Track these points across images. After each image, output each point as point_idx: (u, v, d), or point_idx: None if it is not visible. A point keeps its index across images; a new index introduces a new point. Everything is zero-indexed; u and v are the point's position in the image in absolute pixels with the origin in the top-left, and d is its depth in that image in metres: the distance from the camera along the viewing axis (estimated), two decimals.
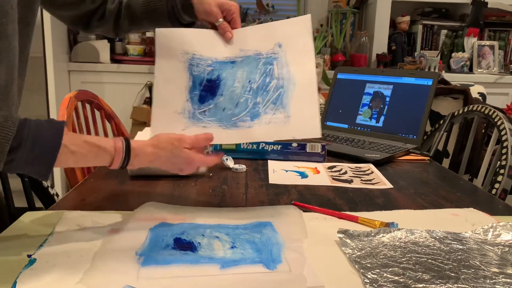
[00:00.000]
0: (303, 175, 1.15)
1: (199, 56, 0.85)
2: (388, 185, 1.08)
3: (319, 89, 2.54)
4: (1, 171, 0.66)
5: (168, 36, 0.85)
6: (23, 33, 0.81)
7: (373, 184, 1.09)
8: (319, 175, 1.15)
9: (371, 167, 1.23)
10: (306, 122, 0.80)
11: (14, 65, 0.76)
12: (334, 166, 1.24)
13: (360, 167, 1.23)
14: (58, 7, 0.94)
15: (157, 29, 0.85)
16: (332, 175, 1.15)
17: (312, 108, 0.81)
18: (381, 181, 1.10)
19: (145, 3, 0.96)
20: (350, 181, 1.10)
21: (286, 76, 0.82)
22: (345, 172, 1.18)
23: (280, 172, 1.16)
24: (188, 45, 0.84)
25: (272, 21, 3.25)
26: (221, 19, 0.88)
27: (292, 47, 0.84)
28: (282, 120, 0.80)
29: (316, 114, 0.80)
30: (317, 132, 0.79)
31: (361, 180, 1.12)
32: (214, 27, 0.90)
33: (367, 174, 1.17)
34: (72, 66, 2.72)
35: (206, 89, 0.83)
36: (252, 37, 0.86)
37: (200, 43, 0.85)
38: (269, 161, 1.27)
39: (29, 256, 0.67)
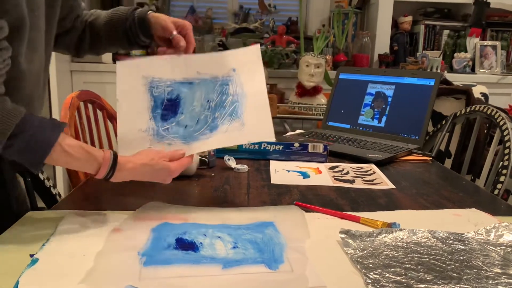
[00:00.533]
0: (305, 175, 1.15)
1: (158, 78, 0.90)
2: (390, 185, 1.08)
3: (321, 89, 2.54)
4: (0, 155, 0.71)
5: (127, 66, 0.91)
6: (48, 29, 0.88)
7: (375, 184, 1.08)
8: (321, 175, 1.15)
9: (373, 167, 1.23)
10: (260, 127, 0.87)
11: (43, 57, 0.83)
12: (336, 166, 1.24)
13: (362, 167, 1.23)
14: None
15: (117, 62, 0.90)
16: (334, 175, 1.15)
17: (265, 115, 0.88)
18: (383, 181, 1.10)
19: (107, 24, 1.03)
20: (352, 181, 1.10)
21: (239, 92, 0.90)
22: (347, 172, 1.18)
23: (282, 172, 1.16)
24: (146, 71, 0.90)
25: (273, 21, 3.25)
26: (175, 32, 0.95)
27: (245, 70, 0.92)
28: (237, 128, 0.87)
29: (269, 119, 0.87)
30: (270, 135, 0.86)
31: (363, 180, 1.12)
32: (168, 43, 0.96)
33: (369, 175, 1.16)
34: (74, 66, 2.73)
35: (167, 108, 0.89)
36: (208, 63, 0.93)
37: (158, 68, 0.91)
38: (271, 161, 1.27)
39: (31, 255, 0.67)
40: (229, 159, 1.19)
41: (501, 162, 1.28)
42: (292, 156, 1.29)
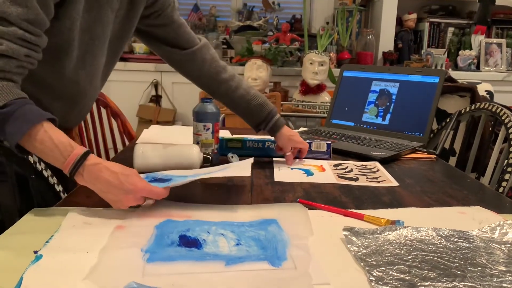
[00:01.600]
0: (308, 173, 1.15)
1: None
2: (394, 183, 1.07)
3: (325, 87, 2.53)
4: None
5: None
6: (111, 58, 1.10)
7: (379, 182, 1.08)
8: (325, 173, 1.15)
9: (377, 165, 1.23)
10: (240, 168, 0.97)
11: (95, 76, 1.00)
12: (340, 164, 1.23)
13: (366, 165, 1.23)
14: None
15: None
16: (337, 173, 1.15)
17: (246, 164, 0.98)
18: (387, 179, 1.10)
19: (241, 104, 1.22)
20: (356, 179, 1.10)
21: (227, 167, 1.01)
22: (351, 170, 1.18)
23: (285, 170, 1.16)
24: None
25: (277, 19, 3.24)
26: (289, 153, 1.23)
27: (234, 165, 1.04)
28: (220, 171, 0.95)
29: (248, 166, 0.96)
30: (247, 171, 0.93)
31: (367, 178, 1.11)
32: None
33: (373, 172, 1.16)
34: None
35: (157, 180, 0.93)
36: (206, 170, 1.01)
37: None
38: (274, 159, 1.27)
39: (35, 252, 0.67)
40: (232, 157, 1.19)
41: (506, 160, 1.27)
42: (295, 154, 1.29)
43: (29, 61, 0.81)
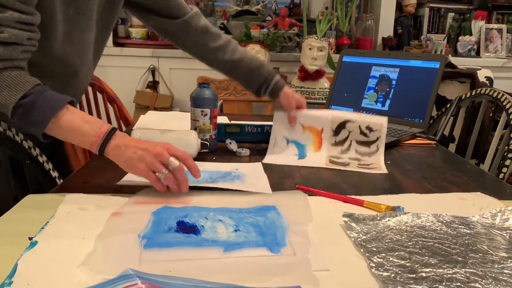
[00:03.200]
0: (301, 153, 1.13)
1: None
2: (383, 170, 1.06)
3: (324, 72, 2.51)
4: (11, 118, 0.77)
5: None
6: (102, 32, 1.04)
7: (369, 168, 1.07)
8: (319, 153, 1.13)
9: (383, 127, 1.16)
10: (259, 184, 0.92)
11: (85, 53, 0.95)
12: (341, 142, 1.17)
13: (368, 139, 1.15)
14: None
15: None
16: (331, 156, 1.13)
17: (263, 180, 0.95)
18: (378, 166, 1.08)
19: (239, 67, 1.19)
20: (347, 164, 1.09)
21: (241, 175, 0.98)
22: (348, 148, 1.16)
23: (280, 145, 1.16)
24: None
25: (276, 3, 3.20)
26: (293, 113, 1.18)
27: (247, 169, 1.03)
28: (238, 183, 0.92)
29: (266, 181, 0.94)
30: (268, 190, 0.89)
31: (359, 163, 1.10)
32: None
33: (370, 155, 1.14)
34: None
35: None
36: (215, 167, 1.04)
37: None
38: (274, 123, 1.21)
39: (30, 238, 0.66)
40: (230, 143, 1.18)
41: (507, 146, 1.26)
42: None
43: (31, 44, 0.80)
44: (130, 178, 0.88)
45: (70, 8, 0.91)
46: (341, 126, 1.17)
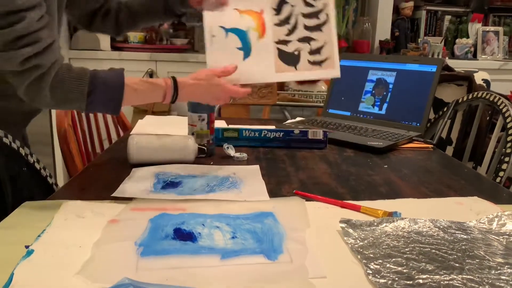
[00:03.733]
0: (245, 45, 0.99)
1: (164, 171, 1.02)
2: (336, 69, 0.98)
3: None
4: (85, 111, 0.89)
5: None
6: (58, 16, 0.98)
7: (322, 68, 0.98)
8: (264, 42, 0.99)
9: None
10: (256, 192, 0.91)
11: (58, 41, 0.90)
12: (282, 7, 1.01)
13: (315, 11, 1.01)
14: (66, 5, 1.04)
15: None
16: (278, 43, 0.99)
17: (260, 187, 0.93)
18: (331, 62, 0.98)
19: (145, 2, 1.12)
20: (297, 60, 0.98)
21: (238, 180, 0.97)
22: (294, 27, 1.00)
23: (219, 36, 0.99)
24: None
25: None
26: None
27: (244, 173, 1.02)
28: (234, 192, 0.90)
29: (264, 189, 0.92)
30: (266, 197, 0.88)
31: (310, 56, 0.99)
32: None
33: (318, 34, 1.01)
34: (72, 54, 2.70)
35: (168, 184, 0.94)
36: (212, 170, 1.03)
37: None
38: (205, 15, 1.02)
39: (26, 247, 0.66)
40: (228, 148, 1.18)
41: (504, 150, 1.26)
42: (292, 143, 1.28)
43: (60, 36, 0.85)
44: (124, 190, 0.88)
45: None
46: (282, 1, 1.02)
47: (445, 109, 1.65)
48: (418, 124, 1.43)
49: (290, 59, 0.99)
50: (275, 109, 2.60)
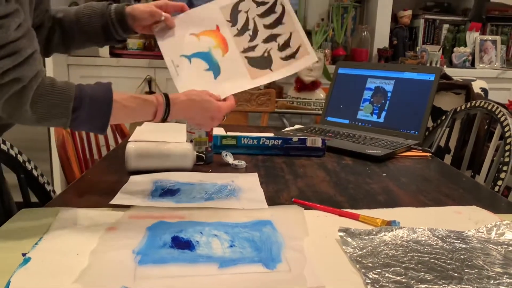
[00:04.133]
0: (212, 65, 0.96)
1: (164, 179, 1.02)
2: (311, 54, 0.95)
3: (320, 83, 2.52)
4: (69, 128, 0.78)
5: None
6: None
7: (297, 59, 0.95)
8: (230, 56, 0.96)
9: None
10: (254, 200, 0.91)
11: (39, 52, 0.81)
12: (237, 17, 0.99)
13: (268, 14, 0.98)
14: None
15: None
16: (244, 52, 0.96)
17: (259, 195, 0.94)
18: (304, 50, 0.95)
19: (80, 21, 0.97)
20: (270, 62, 0.95)
21: (237, 188, 0.98)
22: (255, 27, 0.97)
23: (183, 65, 0.96)
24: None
25: None
26: (164, 14, 0.96)
27: (242, 181, 1.02)
28: (232, 200, 0.91)
29: (262, 196, 0.93)
30: (264, 205, 0.89)
31: (280, 53, 0.96)
32: (149, 30, 0.98)
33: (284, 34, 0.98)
34: (71, 60, 2.70)
35: (166, 192, 0.94)
36: (211, 178, 1.04)
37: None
38: (161, 46, 0.98)
39: (23, 254, 0.65)
40: (226, 155, 1.18)
41: (502, 158, 1.27)
42: (291, 150, 1.28)
43: (38, 41, 0.77)
44: (122, 197, 0.88)
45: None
46: (235, 11, 0.99)
47: (443, 117, 1.66)
48: (416, 133, 1.43)
49: (262, 63, 0.96)
50: (273, 116, 2.61)
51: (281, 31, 0.98)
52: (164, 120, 0.85)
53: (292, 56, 0.97)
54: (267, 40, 0.98)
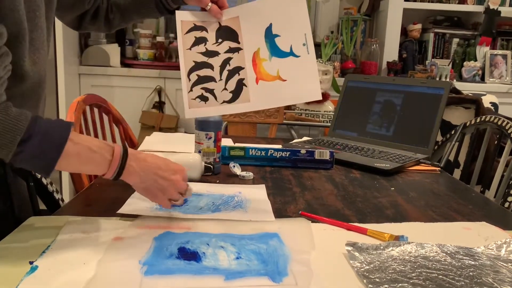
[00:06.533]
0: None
1: None
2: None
3: (329, 96, 2.52)
4: (8, 162, 0.68)
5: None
6: (48, 26, 0.88)
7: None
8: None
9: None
10: (262, 212, 0.91)
11: (45, 55, 0.82)
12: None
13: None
14: (57, 8, 0.96)
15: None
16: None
17: (266, 207, 0.94)
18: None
19: None
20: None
21: (244, 199, 0.98)
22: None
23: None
24: None
25: None
26: (210, 4, 0.95)
27: (250, 192, 1.03)
28: (240, 212, 0.91)
29: (269, 209, 0.93)
30: (271, 217, 0.88)
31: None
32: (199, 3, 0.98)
33: None
34: (82, 70, 2.73)
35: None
36: (217, 189, 1.05)
37: None
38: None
39: (31, 262, 0.65)
40: (234, 166, 1.18)
41: None
42: (298, 162, 1.28)
43: (7, 69, 0.72)
44: (129, 207, 0.88)
45: (29, 7, 0.78)
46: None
47: (452, 132, 1.65)
48: (425, 147, 1.42)
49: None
50: (282, 127, 2.61)
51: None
52: (115, 179, 0.76)
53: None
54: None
